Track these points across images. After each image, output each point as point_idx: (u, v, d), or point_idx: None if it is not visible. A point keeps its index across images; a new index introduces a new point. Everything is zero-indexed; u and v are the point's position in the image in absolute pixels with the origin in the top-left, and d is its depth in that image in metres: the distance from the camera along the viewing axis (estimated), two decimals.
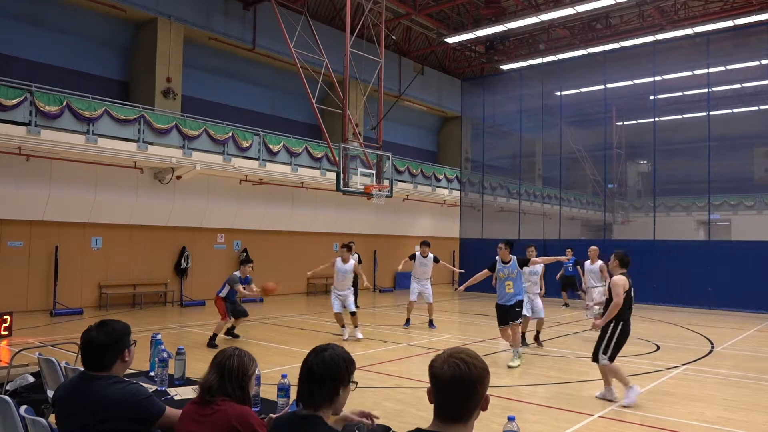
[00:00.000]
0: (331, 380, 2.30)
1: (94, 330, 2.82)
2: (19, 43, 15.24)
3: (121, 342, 2.85)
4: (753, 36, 19.33)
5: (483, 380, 1.87)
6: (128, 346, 2.89)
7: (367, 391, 6.95)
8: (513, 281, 8.79)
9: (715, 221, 21.86)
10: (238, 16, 18.76)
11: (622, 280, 6.60)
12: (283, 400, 3.34)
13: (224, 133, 16.13)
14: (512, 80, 23.36)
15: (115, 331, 2.83)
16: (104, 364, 2.80)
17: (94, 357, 2.79)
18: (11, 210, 13.44)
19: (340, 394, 2.35)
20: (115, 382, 2.77)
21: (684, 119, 24.82)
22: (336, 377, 2.31)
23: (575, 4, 17.68)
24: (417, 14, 20.38)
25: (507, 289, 8.79)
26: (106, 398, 2.69)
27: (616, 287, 6.55)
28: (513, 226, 21.97)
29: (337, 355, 2.35)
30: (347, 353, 2.41)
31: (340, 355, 2.36)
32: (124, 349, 2.86)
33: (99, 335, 2.79)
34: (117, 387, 2.74)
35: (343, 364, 2.35)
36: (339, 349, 2.38)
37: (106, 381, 2.76)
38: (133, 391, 2.76)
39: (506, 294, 8.81)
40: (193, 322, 12.88)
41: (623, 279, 6.61)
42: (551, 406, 6.46)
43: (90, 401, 2.70)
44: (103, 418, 2.67)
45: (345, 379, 2.35)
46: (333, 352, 2.35)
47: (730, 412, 6.37)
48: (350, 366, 2.39)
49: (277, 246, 18.95)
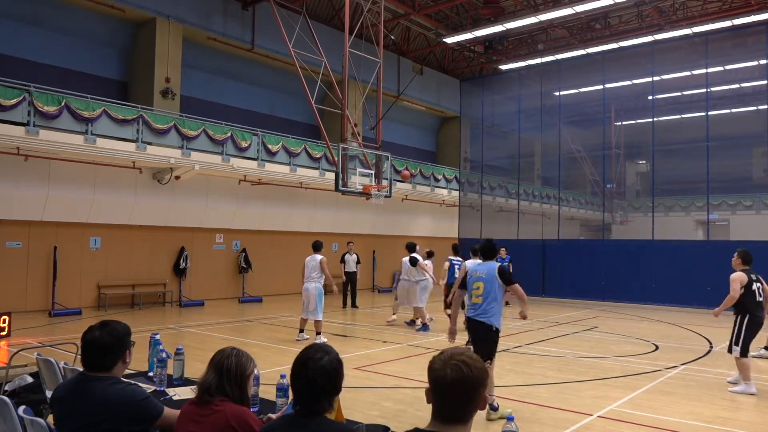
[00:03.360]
0: (332, 388, 2.29)
1: (96, 330, 2.80)
2: (18, 43, 15.22)
3: (123, 343, 2.85)
4: (751, 36, 19.34)
5: (483, 381, 1.88)
6: (129, 347, 2.89)
7: (366, 391, 6.95)
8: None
9: (714, 221, 21.87)
10: (237, 16, 18.75)
11: (739, 275, 7.21)
12: (282, 400, 3.34)
13: (223, 134, 16.12)
14: (511, 80, 23.37)
15: (117, 332, 2.83)
16: (105, 364, 2.79)
17: (95, 357, 2.78)
18: (10, 210, 13.42)
19: (339, 392, 2.35)
20: (114, 383, 2.76)
21: (683, 119, 24.84)
22: (336, 384, 2.31)
23: (574, 4, 17.69)
24: (416, 14, 20.38)
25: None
26: (105, 399, 2.68)
27: (733, 282, 7.17)
28: (512, 226, 21.98)
29: (335, 360, 2.32)
30: (338, 354, 2.37)
31: (336, 359, 2.32)
32: (125, 350, 2.86)
33: (102, 335, 2.78)
34: (116, 387, 2.74)
35: (341, 368, 2.33)
36: (332, 352, 2.35)
37: (105, 381, 2.75)
38: (132, 392, 2.75)
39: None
40: (192, 322, 12.87)
41: (741, 275, 7.22)
42: (551, 406, 6.46)
43: (89, 401, 2.70)
44: (102, 418, 2.66)
45: (341, 381, 2.34)
46: (329, 357, 2.30)
47: (729, 412, 6.37)
48: (342, 367, 2.35)
49: (276, 246, 18.94)
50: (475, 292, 5.96)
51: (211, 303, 16.60)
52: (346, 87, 15.70)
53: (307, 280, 10.58)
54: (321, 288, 10.53)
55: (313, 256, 10.70)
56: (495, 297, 5.87)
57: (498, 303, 5.90)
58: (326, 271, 10.57)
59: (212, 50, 18.91)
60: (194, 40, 18.22)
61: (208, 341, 10.22)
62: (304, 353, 2.33)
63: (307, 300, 10.52)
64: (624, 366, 8.71)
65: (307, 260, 10.73)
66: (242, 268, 18.00)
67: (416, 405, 6.33)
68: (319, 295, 10.43)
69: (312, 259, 10.66)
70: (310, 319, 10.53)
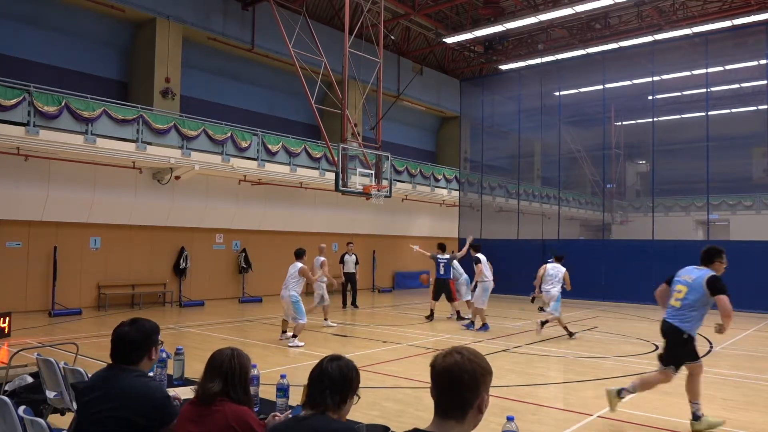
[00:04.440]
0: (343, 387, 2.34)
1: (126, 326, 2.93)
2: (18, 43, 15.22)
3: (150, 339, 2.96)
4: (751, 36, 19.35)
5: (481, 377, 1.85)
6: (156, 344, 3.01)
7: (366, 391, 6.95)
8: None
9: (714, 221, 21.88)
10: (236, 16, 18.75)
11: None
12: (282, 401, 3.34)
13: (223, 134, 16.12)
14: (511, 80, 23.37)
15: (145, 329, 2.95)
16: (133, 359, 2.89)
17: (124, 351, 2.89)
18: (10, 210, 13.42)
19: (347, 402, 2.38)
20: (139, 375, 2.86)
21: (683, 119, 24.85)
22: (348, 385, 2.37)
23: (574, 4, 17.69)
24: (416, 14, 20.38)
25: None
26: (129, 388, 2.75)
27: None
28: (512, 226, 21.98)
29: (351, 366, 2.43)
30: (354, 364, 2.48)
31: (353, 367, 2.43)
32: (152, 347, 2.97)
33: (131, 331, 2.90)
34: (142, 380, 2.83)
35: (356, 375, 2.42)
36: (351, 361, 2.46)
37: (131, 373, 2.85)
38: (156, 388, 2.85)
39: None
40: (192, 322, 12.87)
41: None
42: (551, 406, 6.46)
43: (112, 389, 2.77)
44: (120, 405, 2.70)
45: (354, 389, 2.40)
46: (347, 362, 2.43)
47: (729, 412, 6.37)
48: (359, 378, 2.44)
49: (276, 246, 18.93)
50: (676, 294, 5.81)
51: (211, 303, 16.61)
52: (346, 87, 15.69)
53: (283, 287, 10.47)
54: (296, 294, 10.30)
55: (294, 264, 10.53)
56: (694, 304, 5.63)
57: (698, 311, 5.66)
58: (309, 276, 10.48)
59: (212, 50, 18.91)
60: (194, 40, 18.22)
61: (208, 341, 10.22)
62: (324, 358, 2.44)
63: (286, 308, 10.45)
64: (624, 366, 8.71)
65: (290, 267, 10.60)
66: (242, 268, 18.00)
67: (416, 405, 6.33)
68: (295, 302, 10.22)
69: (292, 267, 10.50)
70: (291, 323, 10.40)
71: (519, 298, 19.67)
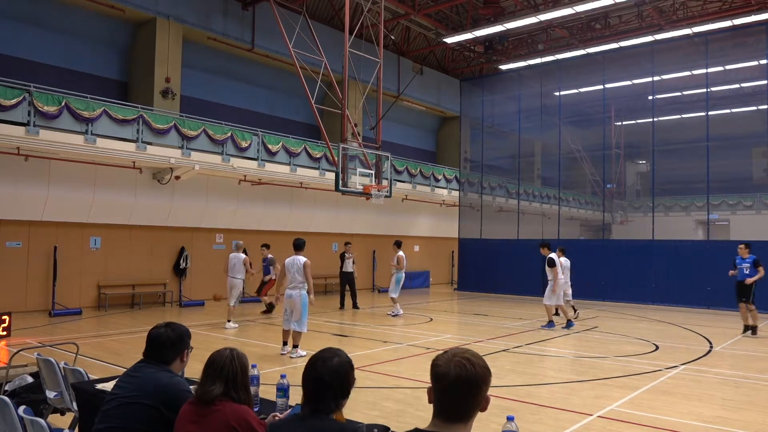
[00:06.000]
0: (340, 388, 2.30)
1: (162, 328, 3.08)
2: (18, 42, 15.22)
3: (184, 341, 3.09)
4: (751, 36, 19.35)
5: (486, 380, 1.89)
6: (188, 347, 3.13)
7: (366, 391, 6.95)
8: None
9: (714, 221, 21.86)
10: (236, 16, 18.76)
11: None
12: (282, 401, 3.33)
13: (223, 133, 16.12)
14: (511, 80, 23.37)
15: (180, 331, 3.10)
16: (166, 359, 3.02)
17: (158, 351, 3.02)
18: (10, 210, 13.42)
19: (347, 398, 2.36)
20: (167, 371, 2.99)
21: (683, 119, 24.82)
22: (345, 385, 2.32)
23: (574, 4, 17.69)
24: (416, 14, 20.38)
25: None
26: (154, 379, 2.88)
27: None
28: (512, 226, 21.98)
29: (345, 362, 2.36)
30: (350, 358, 2.41)
31: (347, 362, 2.36)
32: (185, 350, 3.10)
33: (167, 331, 3.05)
34: (168, 374, 2.95)
35: (351, 372, 2.36)
36: (343, 355, 2.38)
37: (162, 370, 2.97)
38: (180, 382, 2.97)
39: None
40: (192, 322, 12.86)
41: None
42: (551, 406, 6.46)
43: (140, 378, 2.89)
44: (143, 393, 2.81)
45: (351, 382, 2.36)
46: (339, 359, 2.35)
47: (729, 412, 6.37)
48: (353, 371, 2.39)
49: (276, 246, 18.90)
50: None
51: (212, 303, 16.61)
52: (346, 87, 15.69)
53: (290, 285, 9.09)
54: (306, 295, 9.06)
55: (295, 257, 9.13)
56: None
57: None
58: (309, 277, 9.04)
59: (212, 50, 18.91)
60: (194, 40, 18.22)
61: (208, 341, 10.22)
62: (316, 354, 2.38)
63: (290, 308, 9.08)
64: (624, 366, 8.71)
65: (288, 263, 9.15)
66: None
67: (416, 405, 6.33)
68: (304, 303, 9.01)
69: (295, 262, 9.09)
70: (294, 330, 9.12)
71: (519, 298, 19.69)
